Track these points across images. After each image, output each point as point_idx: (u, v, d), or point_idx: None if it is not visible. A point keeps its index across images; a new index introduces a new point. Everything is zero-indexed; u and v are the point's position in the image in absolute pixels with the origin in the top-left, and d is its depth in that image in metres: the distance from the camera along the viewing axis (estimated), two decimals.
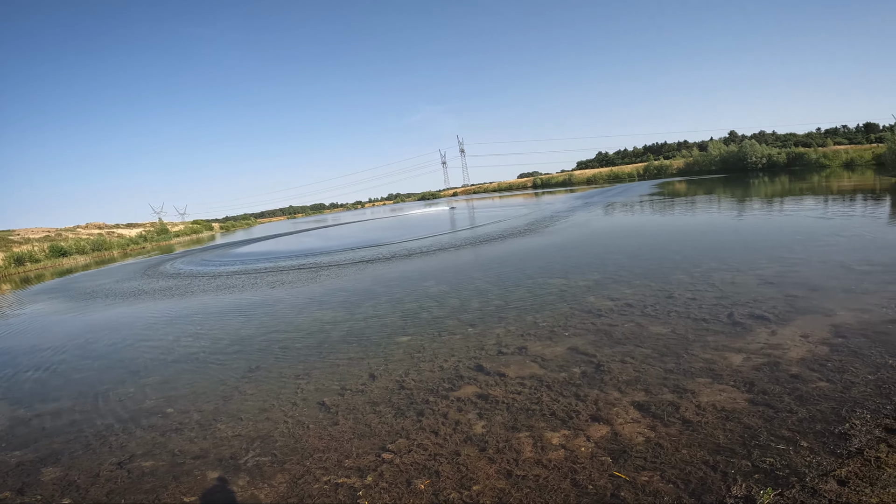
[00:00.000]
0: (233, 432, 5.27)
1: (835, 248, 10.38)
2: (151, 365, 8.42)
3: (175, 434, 5.46)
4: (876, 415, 3.79)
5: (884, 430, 3.50)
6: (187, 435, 5.38)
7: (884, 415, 3.77)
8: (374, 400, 5.64)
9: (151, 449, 5.20)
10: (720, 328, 6.25)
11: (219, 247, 41.93)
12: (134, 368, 8.36)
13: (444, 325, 8.40)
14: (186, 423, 5.72)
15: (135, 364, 8.63)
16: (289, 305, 12.17)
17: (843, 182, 31.27)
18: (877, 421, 3.69)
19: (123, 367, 8.53)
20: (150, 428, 5.75)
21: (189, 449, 5.06)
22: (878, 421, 3.69)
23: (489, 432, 4.50)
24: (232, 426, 5.43)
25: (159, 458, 4.95)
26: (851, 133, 75.70)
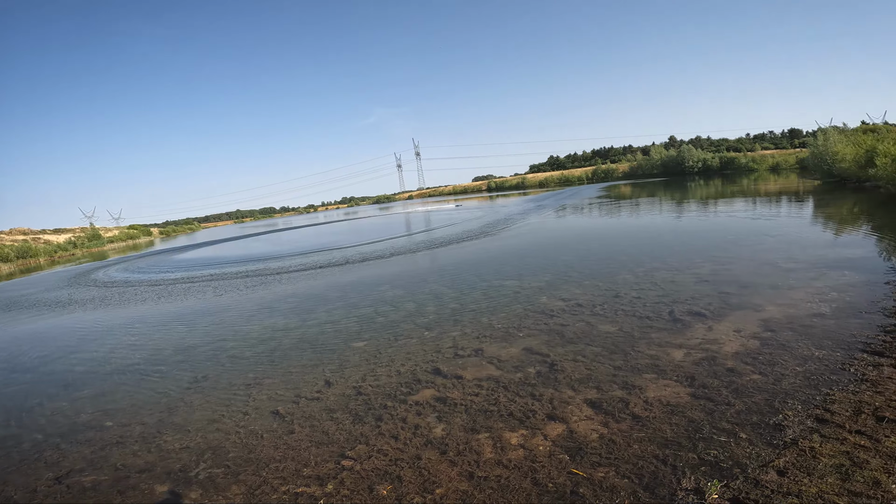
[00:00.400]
0: (180, 444, 5.05)
1: (763, 247, 11.24)
2: (85, 378, 7.91)
3: (116, 448, 5.18)
4: (807, 405, 4.09)
5: (815, 421, 3.77)
6: (130, 448, 5.11)
7: (814, 405, 4.06)
8: (330, 407, 5.54)
9: (91, 463, 4.91)
10: (663, 325, 6.62)
11: (158, 253, 39.65)
12: (66, 382, 7.82)
13: (400, 329, 8.37)
14: (128, 436, 5.43)
15: (67, 377, 8.07)
16: (236, 313, 11.70)
17: (769, 185, 33.87)
18: (808, 411, 3.98)
19: (54, 381, 7.96)
20: (88, 442, 5.42)
21: (133, 463, 4.81)
22: (809, 411, 3.98)
23: (449, 435, 4.53)
24: (179, 438, 5.20)
25: (101, 473, 4.69)
26: (777, 138, 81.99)
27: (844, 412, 3.78)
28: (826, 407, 3.92)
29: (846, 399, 3.99)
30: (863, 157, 22.83)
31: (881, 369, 4.42)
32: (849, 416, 3.70)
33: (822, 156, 28.28)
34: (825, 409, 3.88)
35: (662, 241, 14.11)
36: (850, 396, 4.02)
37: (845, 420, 3.66)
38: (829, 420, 3.72)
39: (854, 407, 3.82)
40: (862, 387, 4.15)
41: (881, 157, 18.31)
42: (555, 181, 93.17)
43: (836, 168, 26.32)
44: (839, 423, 3.63)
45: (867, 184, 22.46)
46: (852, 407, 3.83)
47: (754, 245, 11.57)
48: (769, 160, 58.97)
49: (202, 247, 40.15)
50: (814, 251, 10.17)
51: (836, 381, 4.37)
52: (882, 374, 4.33)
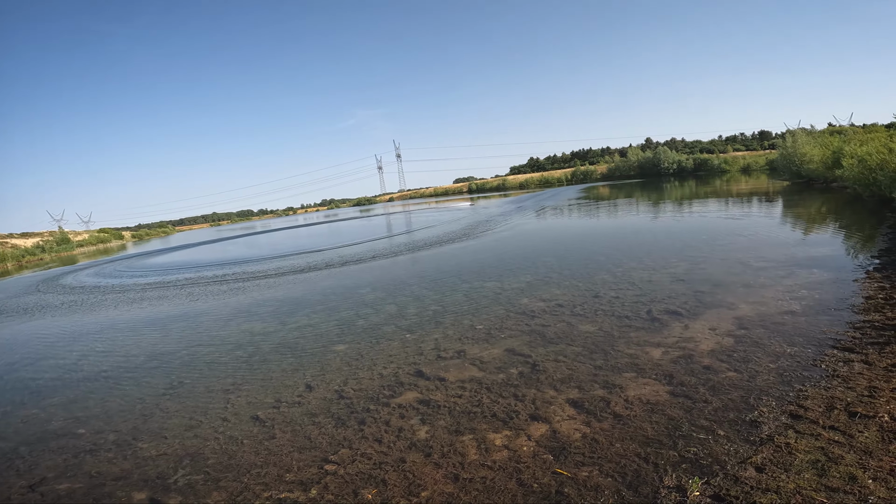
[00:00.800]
0: (157, 451, 4.94)
1: (735, 246, 11.54)
2: (55, 385, 7.68)
3: (90, 455, 5.05)
4: (781, 402, 4.19)
5: (789, 417, 3.87)
6: (104, 456, 4.99)
7: (787, 401, 4.17)
8: (312, 411, 5.47)
9: (65, 471, 4.78)
10: (641, 324, 6.72)
11: (130, 257, 38.56)
12: (35, 388, 7.59)
13: (381, 332, 8.32)
14: (101, 443, 5.30)
15: (36, 384, 7.82)
16: (213, 318, 11.46)
17: (741, 186, 34.85)
18: (782, 408, 4.08)
19: (23, 388, 7.72)
20: (61, 450, 5.27)
21: (108, 470, 4.69)
22: (784, 407, 4.08)
23: (433, 437, 4.51)
24: (155, 445, 5.06)
25: (75, 480, 4.58)
26: (748, 140, 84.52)
27: (817, 408, 3.88)
28: (799, 403, 4.03)
29: (819, 395, 4.11)
30: (830, 159, 23.67)
31: (851, 365, 4.56)
32: (822, 412, 3.80)
33: (790, 157, 29.20)
34: (799, 405, 3.98)
35: (639, 241, 14.36)
36: (822, 392, 4.14)
37: (819, 416, 3.76)
38: (802, 416, 3.81)
39: (826, 403, 3.93)
40: (833, 382, 4.28)
41: (847, 159, 18.98)
42: (535, 182, 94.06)
43: (804, 169, 27.22)
44: (813, 419, 3.72)
45: (834, 184, 23.30)
46: (825, 403, 3.94)
47: (727, 244, 11.87)
48: (740, 161, 60.75)
49: (177, 250, 39.22)
50: (784, 250, 10.48)
51: (808, 378, 4.50)
52: (852, 369, 4.47)
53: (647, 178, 67.38)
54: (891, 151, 14.78)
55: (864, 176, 16.58)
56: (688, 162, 67.07)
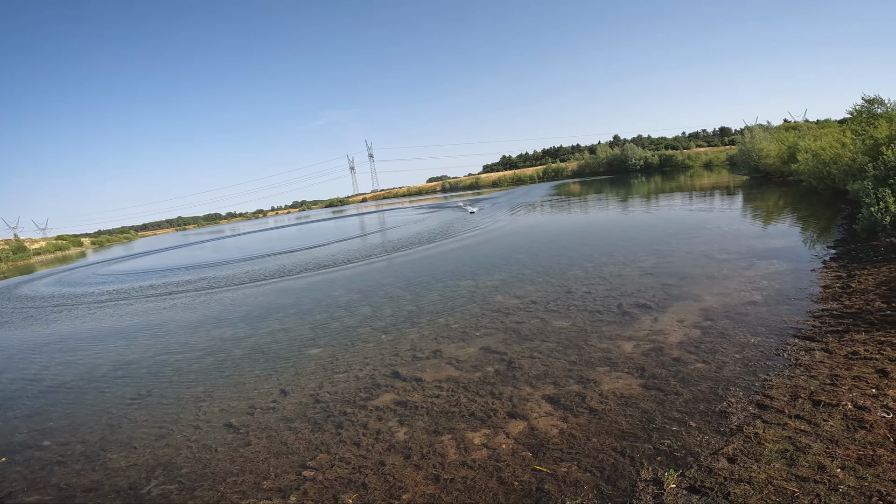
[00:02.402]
0: (126, 462, 4.82)
1: (699, 239, 11.92)
2: (17, 396, 7.42)
3: (57, 467, 4.92)
4: (748, 392, 4.33)
5: (757, 407, 3.99)
6: (73, 468, 4.86)
7: (754, 391, 4.31)
8: (287, 416, 5.38)
9: (32, 484, 4.63)
10: (612, 318, 6.86)
11: (91, 264, 37.01)
12: None
13: (356, 333, 8.23)
14: (69, 455, 5.16)
15: None
16: (181, 325, 11.15)
17: (704, 180, 36.04)
18: (749, 398, 4.22)
19: None
20: (27, 462, 5.11)
21: (77, 482, 4.57)
22: (751, 397, 4.21)
23: (412, 438, 4.49)
24: (125, 455, 4.94)
25: (45, 493, 4.44)
26: (710, 136, 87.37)
27: (782, 397, 4.03)
28: (765, 392, 4.18)
29: (783, 384, 4.27)
30: (786, 154, 24.71)
31: (813, 354, 4.76)
32: (787, 401, 3.95)
33: (748, 153, 30.26)
34: (765, 395, 4.13)
35: (609, 237, 14.67)
36: (786, 381, 4.31)
37: (784, 405, 3.90)
38: (769, 406, 3.95)
39: (791, 392, 4.09)
40: (796, 371, 4.45)
41: (802, 154, 19.83)
42: (507, 180, 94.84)
43: (762, 164, 28.30)
44: (779, 409, 3.86)
45: (790, 178, 24.31)
46: (789, 392, 4.09)
47: (692, 238, 12.25)
48: (703, 157, 62.87)
49: (139, 257, 37.86)
50: (745, 242, 10.89)
51: (772, 367, 4.68)
52: (814, 358, 4.66)
53: (616, 174, 68.94)
54: (843, 146, 15.50)
55: (819, 170, 17.35)
56: (654, 158, 69.06)
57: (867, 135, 13.58)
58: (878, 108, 16.44)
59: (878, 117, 14.87)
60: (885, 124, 13.04)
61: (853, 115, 17.52)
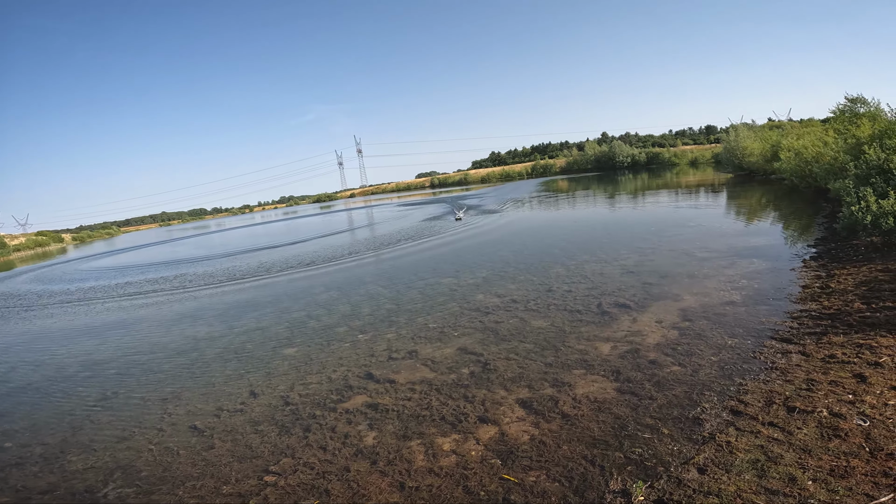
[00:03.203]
0: (85, 464, 4.72)
1: (681, 237, 11.90)
2: None
3: (15, 469, 4.87)
4: (722, 397, 4.21)
5: (730, 413, 3.86)
6: (30, 470, 4.81)
7: (728, 396, 4.18)
8: (254, 419, 5.24)
9: None
10: (591, 318, 6.75)
11: (70, 261, 36.24)
12: None
13: (333, 333, 8.08)
14: (28, 457, 5.09)
15: None
16: (154, 323, 10.91)
17: (689, 178, 36.29)
18: (723, 403, 4.09)
19: None
20: None
21: (34, 485, 4.49)
22: (725, 403, 4.08)
23: (380, 443, 4.37)
24: (84, 458, 4.85)
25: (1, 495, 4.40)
26: (696, 134, 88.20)
27: (757, 403, 3.92)
28: (740, 398, 4.06)
29: (758, 389, 4.16)
30: (769, 152, 24.92)
31: (789, 357, 4.66)
32: (761, 408, 3.83)
33: (733, 151, 30.46)
34: (739, 401, 4.01)
35: (593, 234, 14.61)
36: (761, 386, 4.20)
37: (758, 411, 3.78)
38: (743, 412, 3.83)
39: (766, 397, 3.98)
40: (772, 375, 4.35)
41: (784, 152, 19.98)
42: (496, 177, 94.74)
43: (746, 162, 28.54)
44: (753, 415, 3.75)
45: (773, 176, 24.55)
46: (764, 397, 3.98)
47: (674, 236, 12.22)
48: (689, 155, 63.26)
49: (120, 253, 37.16)
50: (725, 240, 10.88)
51: (748, 371, 4.57)
52: (790, 361, 4.56)
53: (604, 171, 69.15)
54: (825, 145, 15.61)
55: (801, 168, 17.48)
56: (641, 156, 69.35)
57: (849, 134, 13.66)
58: (860, 108, 16.56)
59: (861, 116, 14.97)
60: (868, 123, 13.12)
61: (836, 115, 17.63)
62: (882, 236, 7.85)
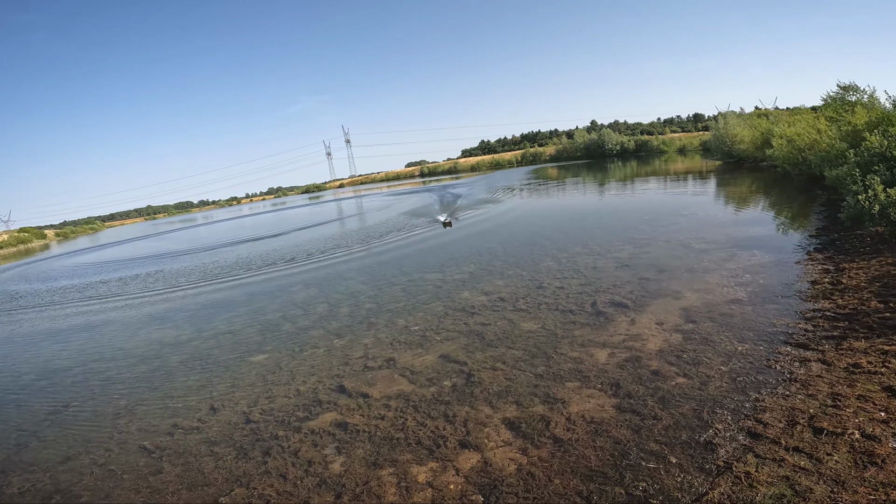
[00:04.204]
0: (23, 486, 4.41)
1: (676, 227, 11.40)
2: None
3: None
4: (737, 415, 3.66)
5: (748, 436, 3.34)
6: None
7: (744, 415, 3.63)
8: (211, 439, 4.77)
9: None
10: (585, 320, 6.19)
11: (49, 258, 35.21)
12: None
13: (307, 337, 7.56)
14: None
15: None
16: (122, 326, 10.33)
17: (678, 165, 35.94)
18: (739, 423, 3.54)
19: None
20: None
21: None
22: (741, 423, 3.54)
23: (347, 472, 3.88)
24: (24, 479, 4.53)
25: None
26: (684, 122, 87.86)
27: (778, 423, 3.39)
28: (757, 417, 3.54)
29: (777, 406, 3.63)
30: (759, 139, 24.52)
31: (808, 366, 4.13)
32: (783, 429, 3.31)
33: (722, 138, 30.04)
34: (757, 420, 3.49)
35: (585, 223, 14.08)
36: (781, 402, 3.67)
37: (780, 434, 3.26)
38: (762, 434, 3.31)
39: (787, 416, 3.46)
40: (792, 388, 3.82)
41: (777, 139, 19.57)
42: (486, 165, 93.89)
43: (735, 149, 28.15)
44: (774, 438, 3.23)
45: (763, 163, 24.19)
46: (785, 416, 3.46)
47: (669, 225, 11.73)
48: (677, 143, 62.97)
49: (100, 249, 36.12)
50: (722, 230, 10.40)
51: (763, 383, 4.04)
52: (810, 371, 4.03)
53: (593, 158, 68.62)
54: (820, 132, 15.20)
55: (794, 155, 17.08)
56: (630, 143, 68.95)
57: (844, 121, 13.22)
58: (852, 96, 16.13)
59: (854, 104, 14.54)
60: (863, 111, 12.69)
61: (828, 103, 17.19)
62: (889, 226, 7.39)
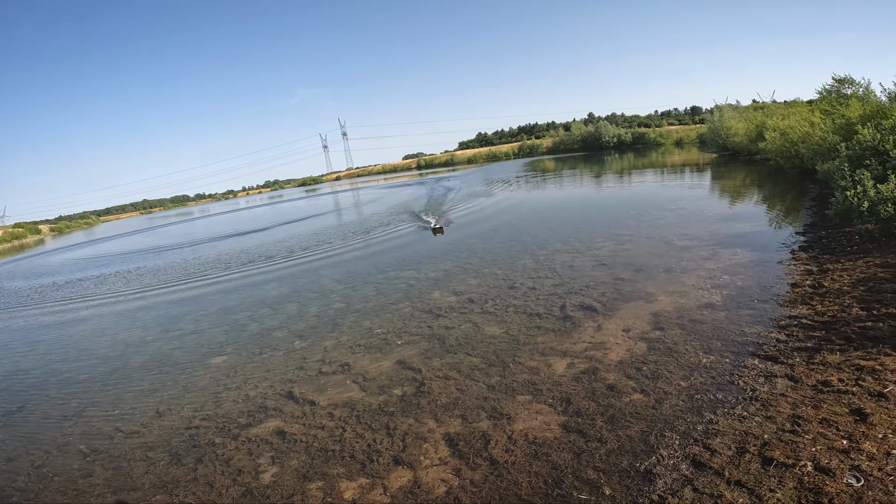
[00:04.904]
0: None
1: (661, 221, 11.08)
2: None
3: None
4: (685, 440, 3.33)
5: (692, 465, 3.01)
6: None
7: (693, 440, 3.30)
8: (149, 444, 4.70)
9: None
10: (551, 325, 5.88)
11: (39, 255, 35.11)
12: None
13: (270, 338, 7.34)
14: None
15: None
16: (91, 326, 10.12)
17: (674, 158, 35.51)
18: (685, 450, 3.20)
19: None
20: None
21: None
22: (687, 450, 3.20)
23: (276, 483, 3.71)
24: None
25: None
26: (681, 115, 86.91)
27: (727, 451, 3.08)
28: (707, 442, 3.22)
29: (731, 429, 3.32)
30: (753, 132, 24.11)
31: (773, 383, 3.80)
32: (731, 458, 3.00)
33: (717, 131, 29.63)
34: (705, 447, 3.17)
35: (570, 218, 13.74)
36: (735, 425, 3.35)
37: (726, 464, 2.95)
38: (707, 464, 3.00)
39: (739, 442, 3.14)
40: (751, 409, 3.50)
41: (770, 132, 19.20)
42: (483, 157, 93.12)
43: (730, 142, 27.76)
44: (718, 469, 2.92)
45: (757, 157, 23.81)
46: (737, 442, 3.14)
47: (654, 220, 11.41)
48: (674, 135, 62.38)
49: (90, 245, 35.99)
50: (708, 226, 10.07)
51: (722, 402, 3.71)
52: (774, 389, 3.70)
53: (590, 151, 68.01)
54: (812, 125, 14.83)
55: (787, 149, 16.72)
56: (627, 136, 68.31)
57: (838, 114, 12.84)
58: (847, 89, 15.73)
59: (849, 97, 14.15)
60: (858, 104, 12.30)
61: (823, 95, 16.78)
62: (879, 224, 7.05)
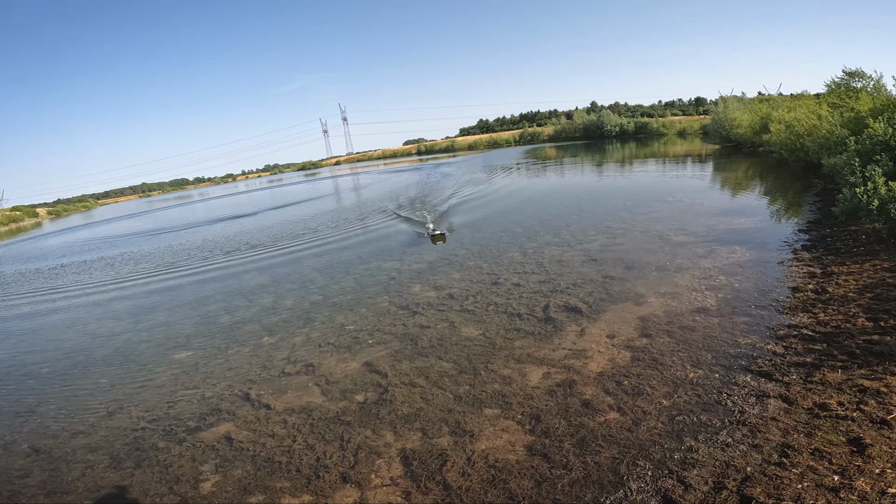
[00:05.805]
0: None
1: (658, 214, 10.64)
2: None
3: None
4: (659, 471, 2.93)
5: (661, 502, 2.62)
6: None
7: (668, 471, 2.90)
8: (92, 445, 4.48)
9: None
10: (532, 327, 5.48)
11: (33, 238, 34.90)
12: None
13: (239, 333, 7.00)
14: None
15: None
16: (64, 317, 9.78)
17: (676, 148, 34.87)
18: (657, 484, 2.81)
19: None
20: None
21: None
22: (659, 484, 2.80)
23: (215, 493, 3.50)
24: None
25: None
26: (685, 105, 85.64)
27: (702, 486, 2.69)
28: (682, 475, 2.84)
29: (711, 460, 2.93)
30: (758, 124, 23.52)
31: (765, 405, 3.40)
32: (705, 495, 2.61)
33: (721, 122, 29.08)
34: (679, 480, 2.79)
35: (563, 208, 13.26)
36: (717, 455, 2.97)
37: (698, 502, 2.56)
38: (678, 501, 2.62)
39: (717, 475, 2.76)
40: (737, 435, 3.11)
41: (775, 124, 18.66)
42: (484, 143, 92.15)
43: (733, 134, 27.21)
44: None
45: (760, 149, 23.26)
46: (715, 475, 2.76)
47: (650, 213, 10.96)
48: (677, 126, 61.48)
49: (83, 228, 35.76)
50: (706, 220, 9.62)
51: (705, 426, 3.31)
52: (765, 412, 3.30)
53: (592, 139, 67.12)
54: (819, 118, 14.27)
55: (791, 141, 16.20)
56: (629, 125, 67.39)
57: (847, 107, 12.28)
58: (857, 82, 15.13)
59: (859, 91, 13.57)
60: (868, 97, 11.74)
61: (832, 88, 16.17)
62: (888, 224, 6.61)
